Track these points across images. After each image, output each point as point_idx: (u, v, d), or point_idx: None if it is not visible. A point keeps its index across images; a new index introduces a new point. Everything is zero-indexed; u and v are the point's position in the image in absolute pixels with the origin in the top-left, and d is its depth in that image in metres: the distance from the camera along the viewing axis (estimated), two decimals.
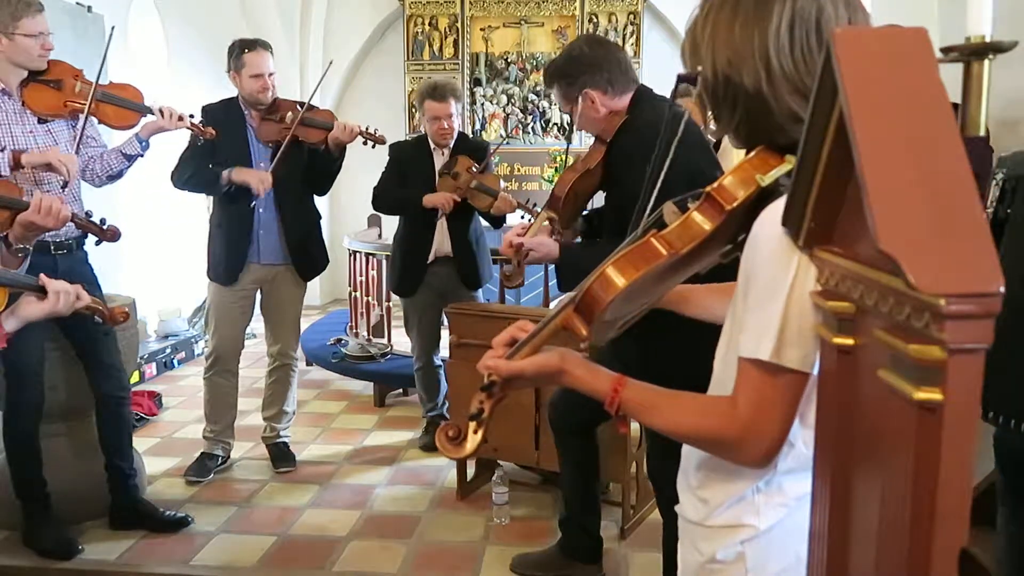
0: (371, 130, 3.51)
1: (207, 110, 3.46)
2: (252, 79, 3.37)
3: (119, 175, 3.06)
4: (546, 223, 2.34)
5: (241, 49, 3.39)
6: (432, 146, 3.76)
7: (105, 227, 2.61)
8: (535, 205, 3.70)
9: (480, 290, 3.90)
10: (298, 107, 3.45)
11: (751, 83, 0.96)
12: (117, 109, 2.94)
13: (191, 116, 3.10)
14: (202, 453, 3.64)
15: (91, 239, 2.67)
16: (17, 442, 2.85)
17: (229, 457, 3.74)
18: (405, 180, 3.76)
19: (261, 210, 3.46)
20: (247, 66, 3.37)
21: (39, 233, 2.34)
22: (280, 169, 3.38)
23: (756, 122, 0.99)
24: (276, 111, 3.43)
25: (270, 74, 3.40)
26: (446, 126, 3.66)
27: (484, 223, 3.88)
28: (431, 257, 3.76)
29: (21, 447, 2.85)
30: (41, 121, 2.84)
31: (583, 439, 2.63)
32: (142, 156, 3.06)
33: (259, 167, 3.43)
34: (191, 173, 3.34)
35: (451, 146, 3.73)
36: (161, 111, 2.99)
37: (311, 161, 3.51)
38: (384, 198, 3.80)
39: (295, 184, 3.49)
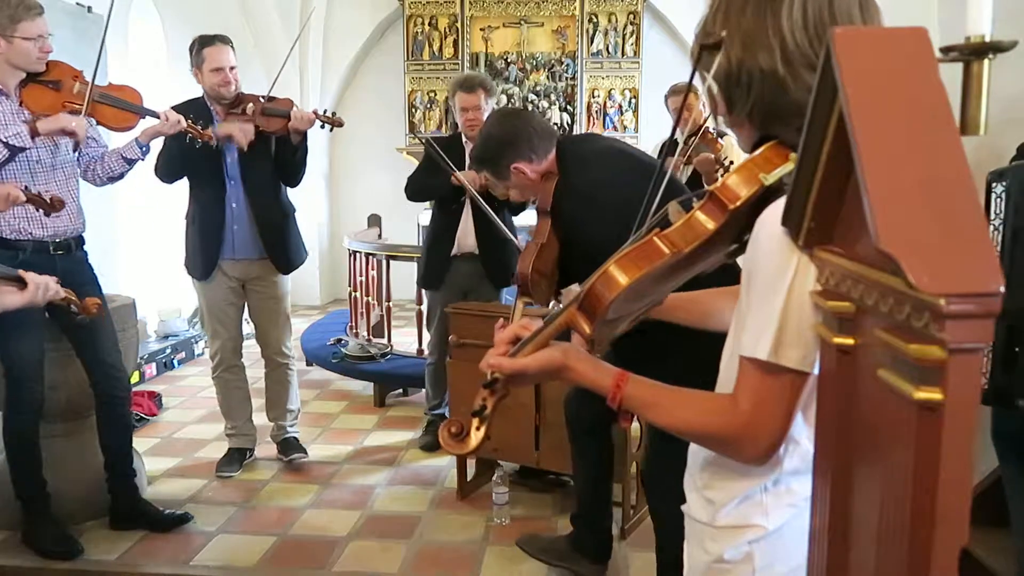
0: (328, 113, 3.53)
1: (174, 110, 3.45)
2: (212, 73, 3.36)
3: (119, 177, 3.08)
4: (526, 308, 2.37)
5: (201, 44, 3.38)
6: (464, 139, 3.78)
7: (48, 199, 2.67)
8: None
9: (507, 289, 3.90)
10: (260, 99, 3.44)
11: (767, 63, 0.96)
12: (116, 111, 2.95)
13: (189, 118, 3.11)
14: (229, 449, 3.69)
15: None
16: (18, 442, 2.85)
17: (254, 449, 3.77)
18: (433, 169, 3.77)
19: (233, 204, 3.47)
20: (207, 60, 3.36)
21: None
22: (250, 160, 3.40)
23: (772, 104, 0.97)
24: (239, 104, 3.43)
25: (231, 68, 3.38)
26: (473, 117, 3.67)
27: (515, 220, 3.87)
28: (454, 251, 3.76)
29: (22, 447, 2.85)
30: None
31: (598, 437, 2.63)
32: (142, 160, 3.08)
33: (227, 162, 3.43)
34: (174, 153, 3.29)
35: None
36: (160, 114, 3.01)
37: (277, 152, 3.51)
38: (412, 185, 3.85)
39: (264, 177, 3.50)
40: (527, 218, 3.90)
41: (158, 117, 3.03)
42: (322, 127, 3.53)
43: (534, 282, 2.29)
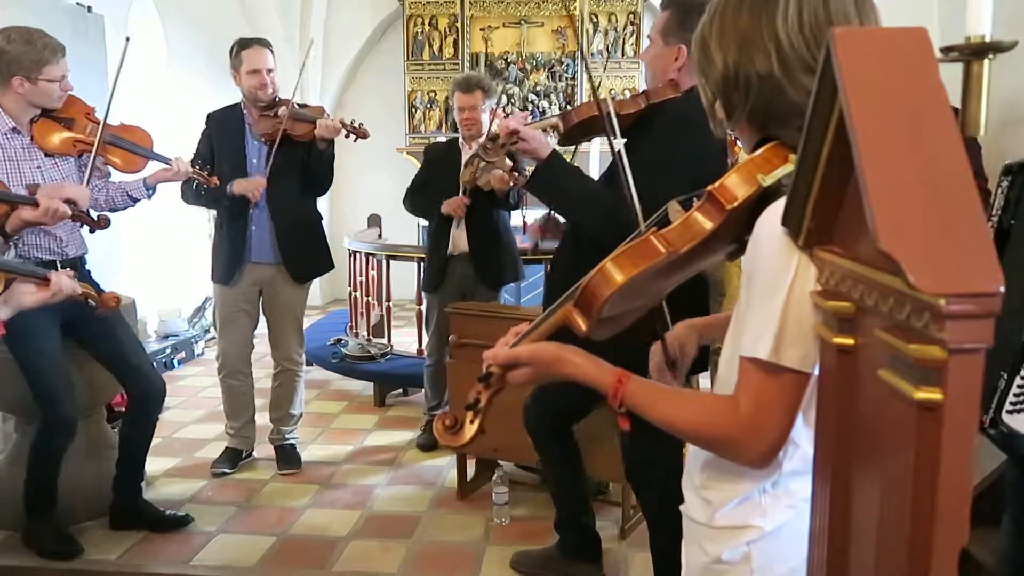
0: (355, 124, 3.54)
1: (210, 116, 3.56)
2: (250, 75, 3.41)
3: (120, 209, 3.12)
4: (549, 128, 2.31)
5: (239, 47, 3.44)
6: (461, 141, 3.78)
7: (96, 217, 2.75)
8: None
9: (504, 289, 3.90)
10: (294, 104, 3.48)
11: (763, 66, 0.96)
12: (125, 154, 2.97)
13: (197, 164, 3.17)
14: (227, 448, 3.71)
15: (89, 239, 2.70)
16: (45, 458, 2.84)
17: (253, 451, 3.77)
18: (431, 178, 3.80)
19: (254, 208, 3.48)
20: (244, 62, 3.41)
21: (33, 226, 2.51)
22: (276, 162, 3.42)
23: (770, 106, 0.98)
24: (273, 107, 3.47)
25: (269, 71, 3.43)
26: (469, 117, 3.68)
27: (513, 223, 3.88)
28: (450, 250, 3.76)
29: (48, 463, 2.84)
30: (48, 155, 2.85)
31: (560, 439, 2.61)
32: (148, 200, 3.12)
33: (252, 163, 3.47)
34: (199, 192, 3.40)
35: (480, 141, 3.73)
36: (171, 162, 3.05)
37: (305, 159, 3.53)
38: (410, 200, 3.92)
39: (290, 182, 3.50)
40: (517, 219, 3.93)
41: (167, 163, 3.05)
42: (346, 136, 3.53)
43: (578, 125, 2.20)
